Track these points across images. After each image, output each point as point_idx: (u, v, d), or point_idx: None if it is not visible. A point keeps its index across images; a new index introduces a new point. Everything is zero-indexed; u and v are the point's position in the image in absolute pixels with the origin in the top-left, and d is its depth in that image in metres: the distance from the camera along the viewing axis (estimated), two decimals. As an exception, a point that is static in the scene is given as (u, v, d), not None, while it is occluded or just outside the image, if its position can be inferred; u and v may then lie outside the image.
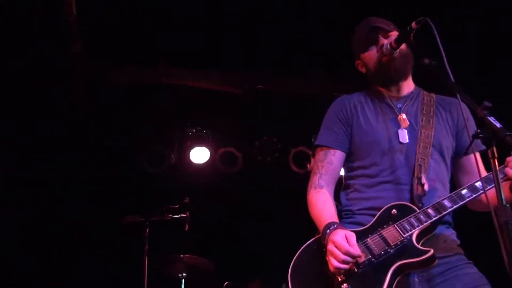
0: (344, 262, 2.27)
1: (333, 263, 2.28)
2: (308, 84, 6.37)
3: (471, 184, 2.43)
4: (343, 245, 2.27)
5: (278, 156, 7.10)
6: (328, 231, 2.39)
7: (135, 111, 6.53)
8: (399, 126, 2.63)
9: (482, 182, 2.31)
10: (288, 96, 6.46)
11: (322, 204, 2.59)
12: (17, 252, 6.35)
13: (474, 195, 2.40)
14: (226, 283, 5.68)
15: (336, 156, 2.69)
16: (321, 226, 2.47)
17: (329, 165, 2.68)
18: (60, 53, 5.51)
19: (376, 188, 2.58)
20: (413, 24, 2.43)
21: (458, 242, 2.59)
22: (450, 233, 2.58)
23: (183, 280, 5.40)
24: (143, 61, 5.80)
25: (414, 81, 2.82)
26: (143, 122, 6.74)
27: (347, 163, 2.76)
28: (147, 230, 5.40)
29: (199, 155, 6.94)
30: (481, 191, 2.31)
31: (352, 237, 2.32)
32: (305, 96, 6.34)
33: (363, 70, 2.81)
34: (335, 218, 2.50)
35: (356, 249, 2.29)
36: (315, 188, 2.65)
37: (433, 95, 2.78)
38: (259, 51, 5.57)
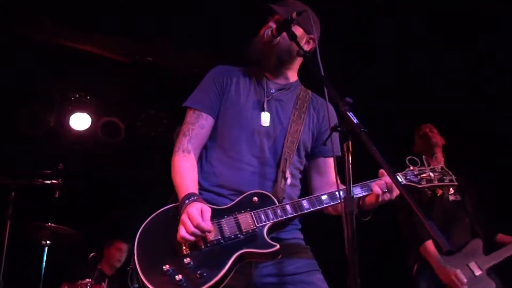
0: (192, 234, 2.23)
1: (181, 232, 2.24)
2: (203, 61, 6.30)
3: (332, 192, 2.47)
4: (196, 218, 2.24)
5: (163, 131, 7.01)
6: (187, 201, 2.33)
7: (15, 68, 6.13)
8: (263, 109, 2.65)
9: (343, 192, 2.23)
10: (181, 72, 6.36)
11: (186, 170, 2.51)
12: None
13: (332, 203, 2.45)
14: (92, 254, 5.57)
15: (207, 122, 2.64)
16: (180, 195, 2.40)
17: (200, 129, 2.62)
18: None
19: (233, 167, 2.57)
20: (294, 15, 2.49)
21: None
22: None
23: (46, 248, 5.22)
24: (27, 16, 5.43)
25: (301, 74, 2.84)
26: (23, 80, 6.35)
27: None
28: (13, 193, 5.15)
29: (80, 121, 6.71)
30: (340, 201, 2.26)
31: (207, 212, 2.29)
32: (199, 73, 6.27)
33: None
34: (196, 189, 2.45)
35: (207, 224, 2.26)
36: (183, 151, 2.56)
37: (309, 92, 2.82)
38: (151, 22, 5.42)
